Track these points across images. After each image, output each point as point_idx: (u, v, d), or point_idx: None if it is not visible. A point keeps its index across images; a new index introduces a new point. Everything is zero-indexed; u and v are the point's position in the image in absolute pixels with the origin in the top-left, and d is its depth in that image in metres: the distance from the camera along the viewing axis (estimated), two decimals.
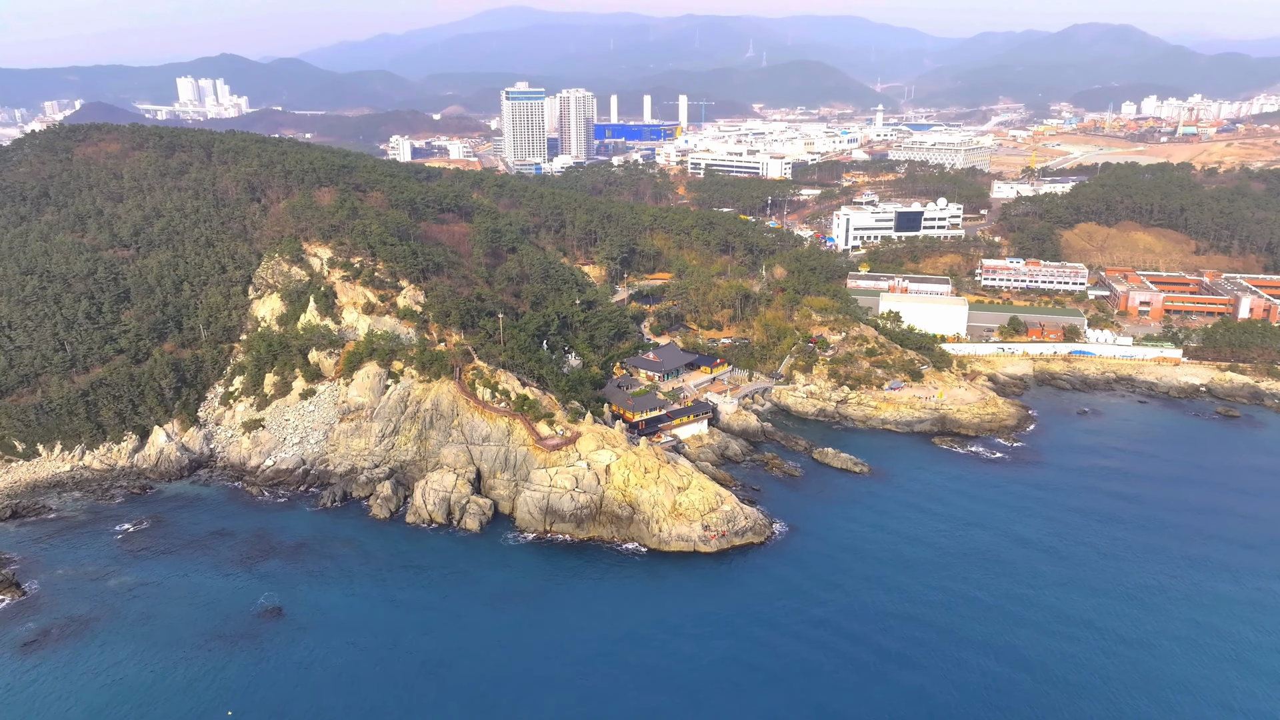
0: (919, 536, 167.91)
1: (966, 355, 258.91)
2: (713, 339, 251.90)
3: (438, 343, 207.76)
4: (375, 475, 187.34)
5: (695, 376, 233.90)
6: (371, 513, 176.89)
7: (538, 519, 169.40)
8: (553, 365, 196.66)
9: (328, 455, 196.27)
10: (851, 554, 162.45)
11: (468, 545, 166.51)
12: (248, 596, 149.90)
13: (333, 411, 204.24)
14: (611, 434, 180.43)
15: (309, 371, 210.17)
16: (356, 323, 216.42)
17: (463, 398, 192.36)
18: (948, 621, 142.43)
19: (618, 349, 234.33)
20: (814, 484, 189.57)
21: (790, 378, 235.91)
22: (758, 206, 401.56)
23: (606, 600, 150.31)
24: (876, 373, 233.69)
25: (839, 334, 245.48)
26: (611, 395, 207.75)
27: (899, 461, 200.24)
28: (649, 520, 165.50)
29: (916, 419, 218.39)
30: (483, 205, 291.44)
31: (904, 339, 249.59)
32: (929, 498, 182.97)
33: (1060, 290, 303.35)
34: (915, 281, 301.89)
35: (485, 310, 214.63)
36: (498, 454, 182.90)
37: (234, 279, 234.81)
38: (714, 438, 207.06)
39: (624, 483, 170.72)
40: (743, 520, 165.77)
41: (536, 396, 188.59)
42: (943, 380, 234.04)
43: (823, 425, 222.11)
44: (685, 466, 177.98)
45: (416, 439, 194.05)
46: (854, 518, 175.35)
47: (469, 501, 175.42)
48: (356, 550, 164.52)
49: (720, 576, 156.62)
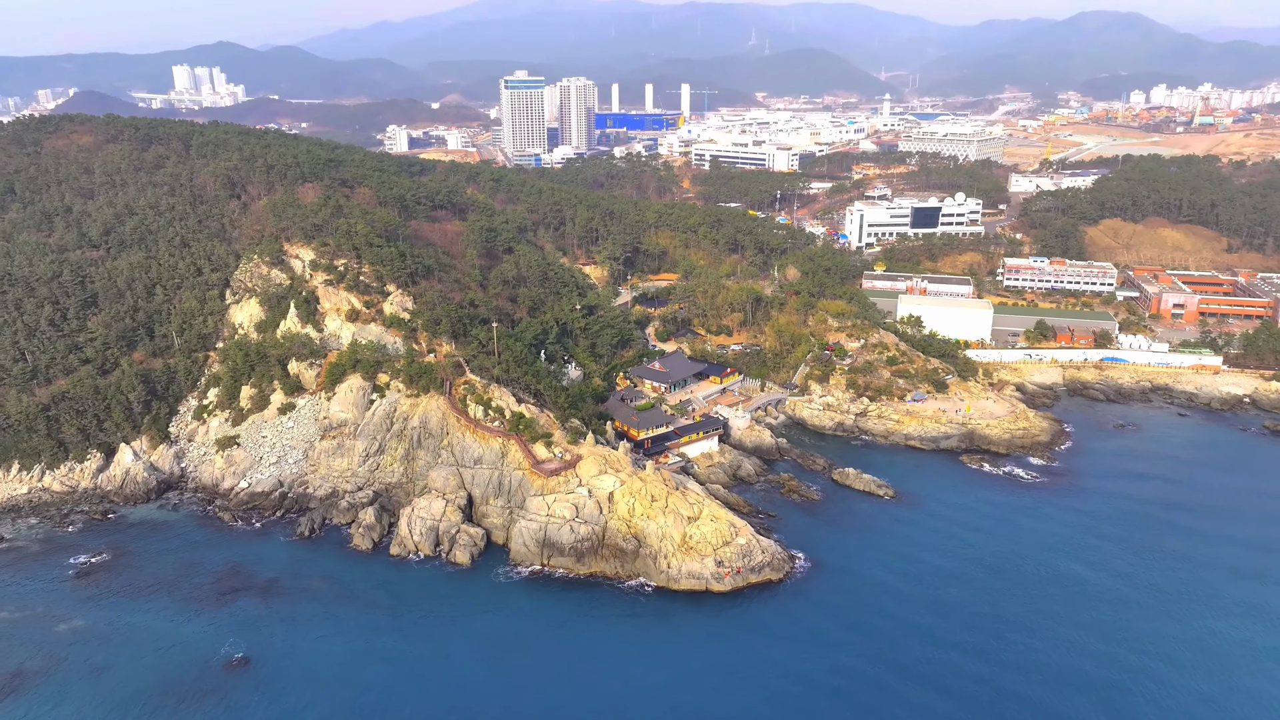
0: (954, 572, 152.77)
1: (992, 363, 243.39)
2: (722, 345, 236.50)
3: (427, 353, 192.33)
4: (358, 500, 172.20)
5: (704, 387, 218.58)
6: (353, 543, 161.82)
7: (534, 552, 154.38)
8: (551, 379, 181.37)
9: (307, 476, 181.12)
10: (880, 592, 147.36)
11: (457, 582, 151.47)
12: (213, 644, 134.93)
13: (313, 428, 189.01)
14: (615, 457, 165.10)
15: (288, 384, 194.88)
16: (340, 331, 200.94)
17: (453, 415, 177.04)
18: (994, 674, 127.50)
19: (621, 358, 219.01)
20: (835, 509, 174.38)
21: (805, 388, 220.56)
22: (766, 201, 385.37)
23: (612, 648, 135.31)
24: (898, 383, 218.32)
25: (857, 341, 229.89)
26: (615, 410, 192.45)
27: (926, 483, 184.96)
28: (656, 555, 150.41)
29: (943, 434, 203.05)
30: (478, 202, 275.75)
31: (926, 346, 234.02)
32: (961, 526, 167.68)
33: (1087, 291, 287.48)
34: (935, 282, 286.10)
35: (478, 318, 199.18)
36: (491, 478, 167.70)
37: (210, 282, 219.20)
38: (725, 456, 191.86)
39: (629, 512, 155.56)
40: (759, 555, 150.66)
41: (533, 415, 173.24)
42: (969, 391, 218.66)
43: (841, 441, 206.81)
44: (695, 492, 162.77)
45: (403, 459, 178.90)
46: (880, 549, 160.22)
47: (459, 531, 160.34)
48: (335, 587, 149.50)
49: (736, 620, 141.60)
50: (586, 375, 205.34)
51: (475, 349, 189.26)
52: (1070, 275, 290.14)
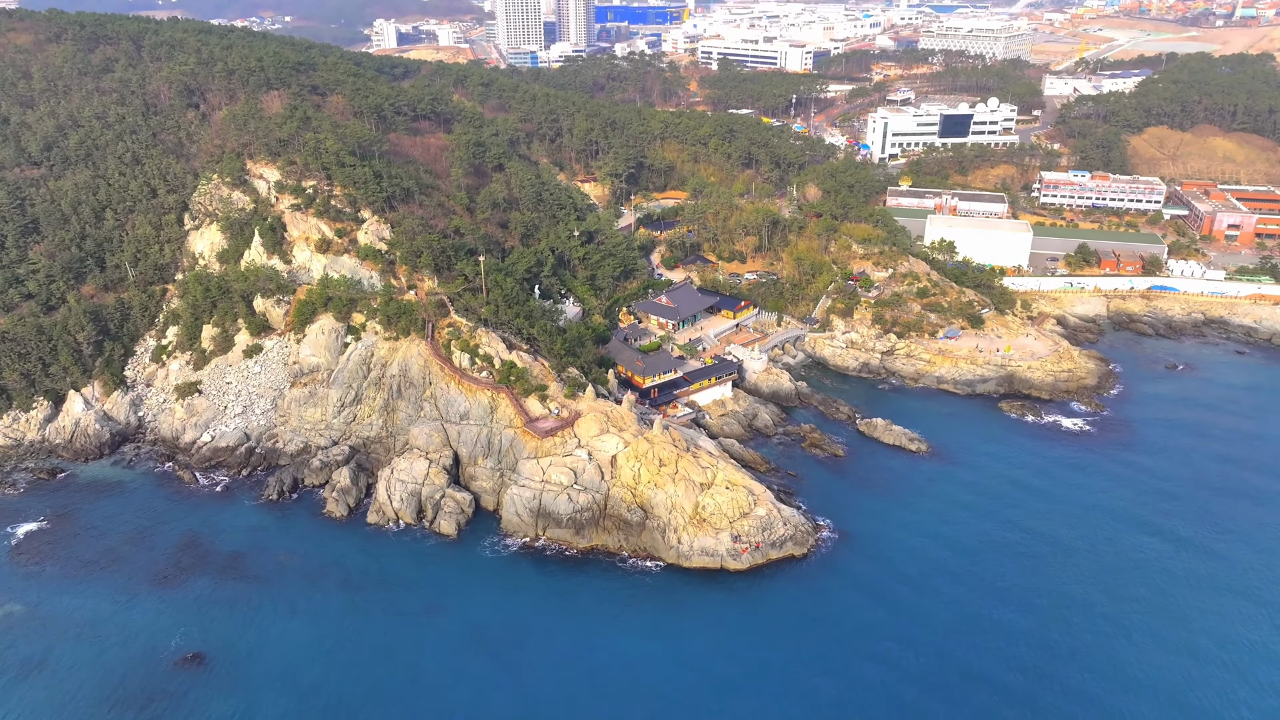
0: (998, 541, 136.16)
1: (1030, 292, 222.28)
2: (735, 274, 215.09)
3: (406, 290, 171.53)
4: (332, 457, 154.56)
5: (715, 323, 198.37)
6: (326, 509, 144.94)
7: (527, 523, 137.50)
8: (545, 322, 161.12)
9: (276, 429, 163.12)
10: (917, 567, 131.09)
11: (441, 557, 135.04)
12: (162, 636, 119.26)
13: (282, 374, 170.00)
14: (618, 413, 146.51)
15: (254, 323, 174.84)
16: (309, 263, 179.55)
17: (436, 363, 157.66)
18: (1054, 667, 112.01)
19: (624, 290, 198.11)
20: (862, 467, 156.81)
21: (827, 323, 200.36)
22: (781, 106, 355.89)
23: (615, 638, 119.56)
24: (929, 318, 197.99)
25: (884, 270, 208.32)
26: (618, 354, 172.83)
27: (962, 435, 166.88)
28: (665, 528, 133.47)
29: (979, 377, 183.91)
30: (465, 111, 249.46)
31: (960, 275, 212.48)
32: (1004, 486, 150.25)
33: (1132, 209, 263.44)
34: (966, 200, 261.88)
35: (465, 248, 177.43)
36: (479, 436, 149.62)
37: (166, 205, 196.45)
38: (740, 403, 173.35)
39: (634, 479, 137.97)
40: (780, 527, 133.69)
41: (526, 364, 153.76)
42: (1006, 327, 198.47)
43: (866, 384, 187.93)
44: (708, 453, 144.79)
45: (382, 411, 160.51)
46: (915, 514, 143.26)
47: (444, 497, 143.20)
48: (305, 565, 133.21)
49: (756, 603, 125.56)
50: (586, 312, 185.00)
51: (461, 285, 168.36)
52: (1114, 191, 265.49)
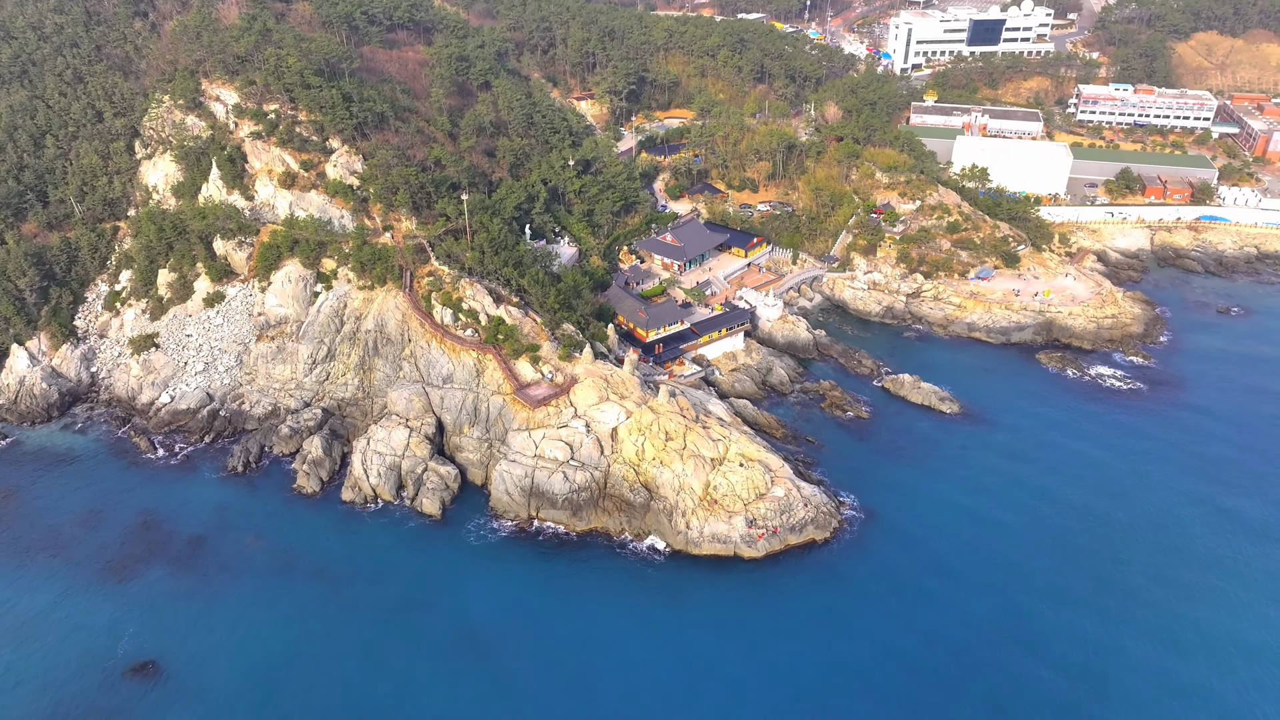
0: (1045, 521, 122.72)
1: (1067, 224, 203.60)
2: (746, 205, 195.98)
3: (382, 232, 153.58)
4: (304, 423, 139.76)
5: (725, 262, 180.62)
6: (296, 483, 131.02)
7: (519, 502, 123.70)
8: (537, 270, 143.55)
9: (242, 389, 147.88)
10: (953, 553, 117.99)
11: (424, 541, 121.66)
12: (110, 638, 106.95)
13: (247, 326, 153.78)
14: (619, 378, 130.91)
15: (215, 268, 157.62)
16: (274, 199, 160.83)
17: (415, 318, 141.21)
18: (1116, 677, 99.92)
19: (624, 226, 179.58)
20: (888, 431, 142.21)
21: (847, 262, 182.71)
22: (794, 10, 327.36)
23: (616, 635, 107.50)
24: (960, 256, 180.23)
25: (912, 202, 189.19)
26: (618, 302, 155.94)
27: (997, 392, 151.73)
28: (673, 511, 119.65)
29: (1015, 325, 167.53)
30: (447, 18, 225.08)
31: (993, 207, 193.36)
32: (1046, 453, 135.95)
33: (1178, 127, 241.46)
34: (998, 117, 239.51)
35: (447, 182, 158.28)
36: (464, 401, 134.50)
37: (114, 131, 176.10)
38: (753, 356, 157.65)
39: (637, 455, 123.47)
40: (800, 509, 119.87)
41: (515, 320, 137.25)
42: (1044, 266, 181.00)
43: (890, 331, 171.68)
44: (719, 422, 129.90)
45: (358, 369, 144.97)
46: (949, 490, 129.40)
47: (427, 470, 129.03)
48: (271, 551, 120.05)
49: (772, 596, 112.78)
50: (583, 253, 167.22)
51: (442, 227, 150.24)
52: (1158, 107, 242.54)
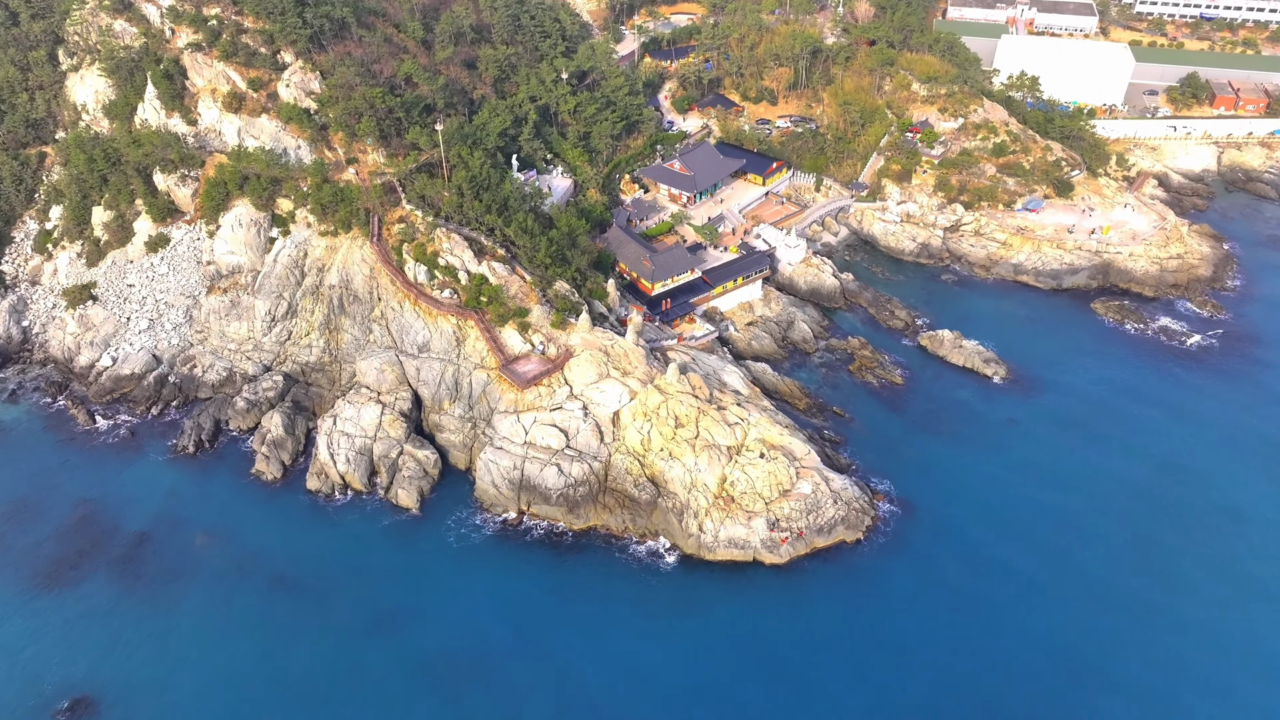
0: (1113, 513, 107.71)
1: (1123, 141, 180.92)
2: (763, 120, 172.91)
3: (345, 165, 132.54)
4: (263, 393, 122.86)
5: (740, 191, 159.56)
6: (255, 467, 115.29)
7: (507, 496, 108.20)
8: (525, 217, 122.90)
9: (193, 350, 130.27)
10: (1007, 556, 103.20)
11: (400, 541, 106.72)
12: (37, 668, 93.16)
13: (195, 275, 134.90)
14: (621, 349, 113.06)
15: (157, 206, 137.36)
16: (219, 125, 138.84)
17: (386, 273, 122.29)
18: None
19: (626, 150, 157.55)
20: (925, 400, 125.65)
21: (878, 189, 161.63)
22: None
23: (617, 660, 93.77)
24: (1006, 184, 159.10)
25: (953, 119, 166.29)
26: (619, 247, 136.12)
27: (1049, 351, 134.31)
28: (683, 511, 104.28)
29: (1067, 267, 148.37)
30: None
31: (1045, 124, 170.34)
32: (1110, 428, 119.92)
33: (1250, 21, 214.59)
34: (1046, 10, 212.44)
35: (419, 104, 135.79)
36: (443, 374, 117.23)
37: (33, 36, 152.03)
38: (772, 306, 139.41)
39: (642, 445, 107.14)
40: (830, 507, 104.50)
41: (501, 279, 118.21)
42: (1100, 194, 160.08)
43: (925, 273, 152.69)
44: (735, 398, 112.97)
45: (323, 328, 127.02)
46: (997, 473, 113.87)
47: (402, 455, 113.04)
48: (226, 553, 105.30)
49: (796, 610, 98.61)
50: (578, 185, 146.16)
51: (414, 162, 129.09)
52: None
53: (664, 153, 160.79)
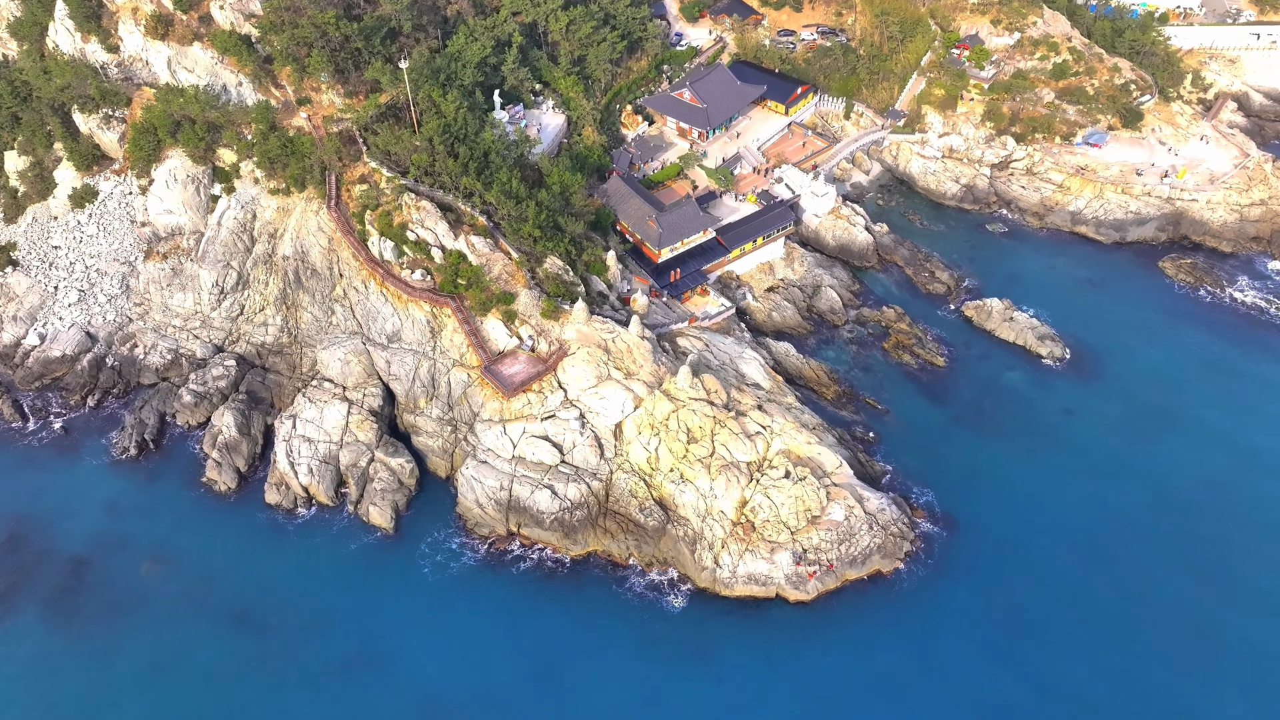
0: (1196, 542, 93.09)
1: (1197, 52, 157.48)
2: (786, 31, 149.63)
3: (295, 107, 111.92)
4: (213, 383, 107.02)
5: (759, 122, 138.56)
6: (206, 474, 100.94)
7: (494, 516, 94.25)
8: (509, 177, 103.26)
9: (133, 327, 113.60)
10: (1072, 594, 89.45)
11: (371, 568, 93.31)
12: None
13: (130, 236, 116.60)
14: (624, 344, 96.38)
15: (79, 151, 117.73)
16: (145, 53, 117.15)
17: (348, 245, 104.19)
18: None
19: (628, 72, 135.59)
20: (970, 386, 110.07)
21: (918, 118, 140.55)
22: None
23: (622, 712, 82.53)
24: (1066, 112, 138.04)
25: (1009, 34, 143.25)
26: (620, 203, 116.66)
27: (1110, 322, 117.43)
28: (696, 540, 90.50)
29: (1134, 216, 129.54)
30: None
31: (1113, 37, 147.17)
32: (1182, 425, 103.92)
33: None
34: None
35: (382, 29, 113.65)
36: (417, 368, 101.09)
37: None
38: (795, 267, 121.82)
39: (649, 463, 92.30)
40: (865, 534, 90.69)
41: (482, 257, 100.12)
42: (1174, 124, 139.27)
43: (970, 221, 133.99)
44: (755, 397, 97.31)
45: (279, 304, 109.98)
46: (1054, 483, 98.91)
47: (374, 463, 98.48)
48: (175, 583, 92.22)
49: (831, 660, 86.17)
50: (572, 123, 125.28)
51: (376, 106, 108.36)
52: None
53: (671, 74, 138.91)
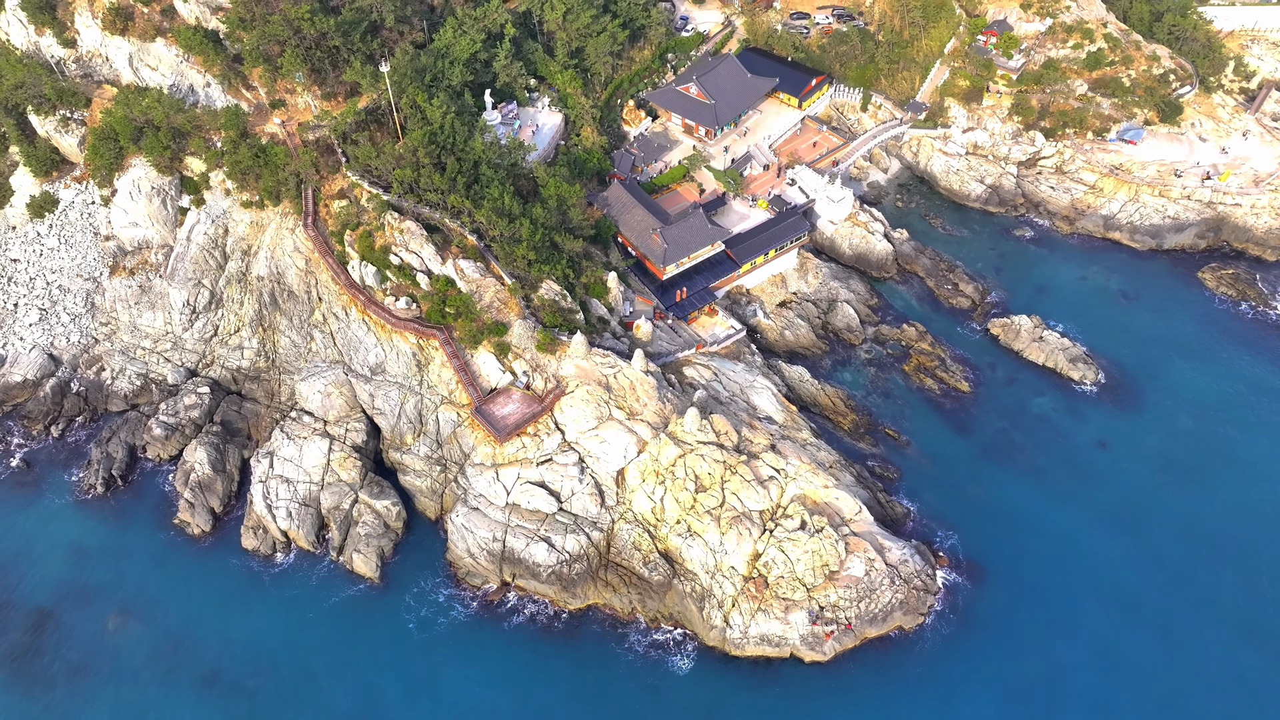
0: (1246, 598, 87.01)
1: (1237, 34, 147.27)
2: (799, 14, 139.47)
3: (269, 110, 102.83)
4: (184, 413, 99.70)
5: (771, 116, 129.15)
6: (178, 515, 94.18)
7: (487, 568, 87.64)
8: (501, 192, 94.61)
9: (99, 348, 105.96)
10: (1112, 658, 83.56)
11: (352, 626, 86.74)
12: None
13: (94, 250, 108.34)
14: (626, 380, 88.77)
15: (37, 156, 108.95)
16: (104, 49, 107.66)
17: (327, 268, 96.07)
18: None
19: (630, 63, 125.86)
20: (997, 414, 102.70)
21: (940, 111, 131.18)
22: None
23: None
24: (1099, 106, 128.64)
25: (1040, 19, 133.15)
26: (621, 212, 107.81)
27: (1147, 340, 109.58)
28: (704, 598, 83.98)
29: (1172, 222, 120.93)
30: None
31: (1150, 22, 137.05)
32: (1233, 449, 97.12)
33: None
34: None
35: (361, 24, 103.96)
36: (403, 403, 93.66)
37: None
38: (809, 278, 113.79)
39: (654, 514, 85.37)
40: (886, 590, 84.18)
41: (472, 283, 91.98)
42: (1215, 118, 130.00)
43: (996, 226, 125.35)
44: (767, 433, 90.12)
45: (255, 325, 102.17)
46: (1087, 528, 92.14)
47: (357, 506, 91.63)
48: (144, 639, 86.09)
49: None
50: (570, 123, 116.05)
51: (355, 113, 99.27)
52: None
53: (676, 64, 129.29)
